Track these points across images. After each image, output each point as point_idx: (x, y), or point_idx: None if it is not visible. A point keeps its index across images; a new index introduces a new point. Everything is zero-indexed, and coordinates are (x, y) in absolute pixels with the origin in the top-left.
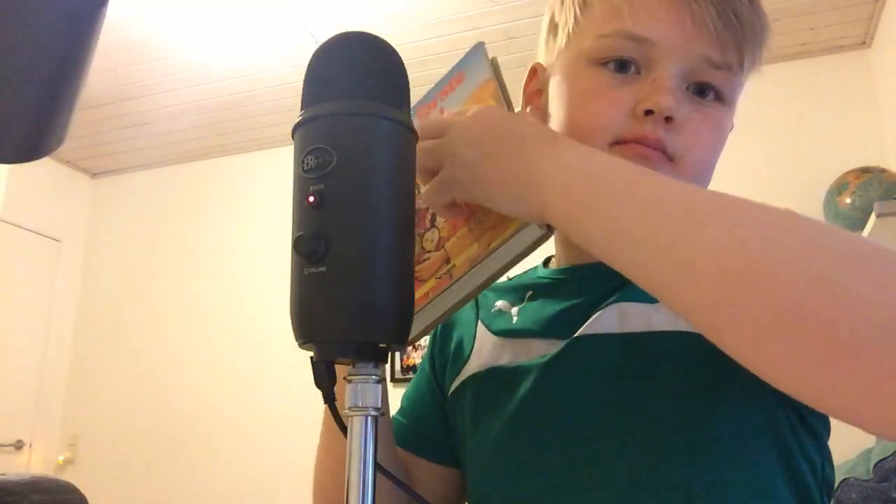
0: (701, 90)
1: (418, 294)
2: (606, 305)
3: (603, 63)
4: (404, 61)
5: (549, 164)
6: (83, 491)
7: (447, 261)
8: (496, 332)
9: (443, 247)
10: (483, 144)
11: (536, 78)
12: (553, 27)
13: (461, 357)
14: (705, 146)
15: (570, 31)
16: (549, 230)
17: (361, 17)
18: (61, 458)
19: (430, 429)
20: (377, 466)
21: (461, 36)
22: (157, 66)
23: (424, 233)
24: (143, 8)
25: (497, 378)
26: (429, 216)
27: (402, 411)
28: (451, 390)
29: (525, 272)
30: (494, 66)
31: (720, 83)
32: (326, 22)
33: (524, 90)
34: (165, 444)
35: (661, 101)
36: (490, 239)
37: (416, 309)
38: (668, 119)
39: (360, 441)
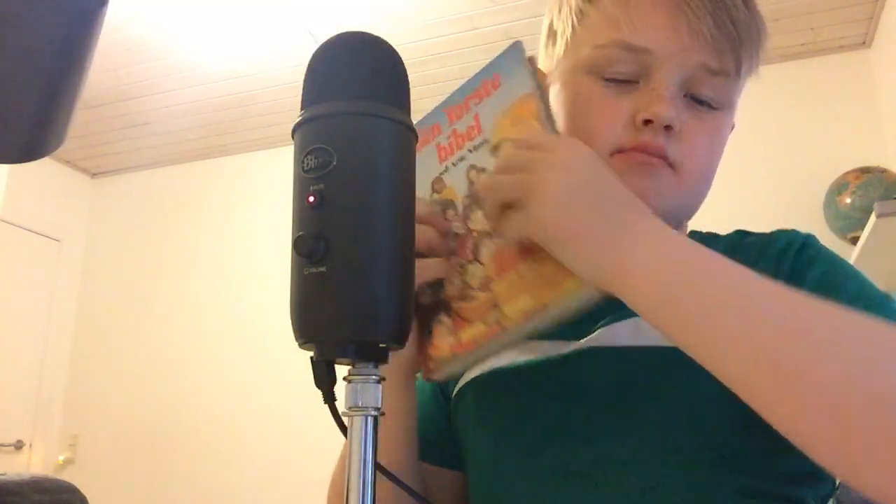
0: (699, 98)
1: (465, 336)
2: (622, 318)
3: (601, 73)
4: (404, 61)
5: (641, 245)
6: (83, 491)
7: (495, 305)
8: None
9: (490, 287)
10: (578, 198)
11: None
12: (552, 34)
13: None
14: (704, 153)
15: (568, 39)
16: (605, 294)
17: (361, 17)
18: (61, 458)
19: (437, 434)
20: (377, 466)
21: (461, 36)
22: (157, 66)
23: (467, 265)
24: (143, 8)
25: (499, 379)
26: (471, 246)
27: None
28: (454, 393)
29: None
30: (537, 80)
31: (718, 90)
32: (326, 22)
33: None
34: (165, 444)
35: (659, 111)
36: (544, 295)
37: (462, 352)
38: (667, 128)
39: (360, 441)
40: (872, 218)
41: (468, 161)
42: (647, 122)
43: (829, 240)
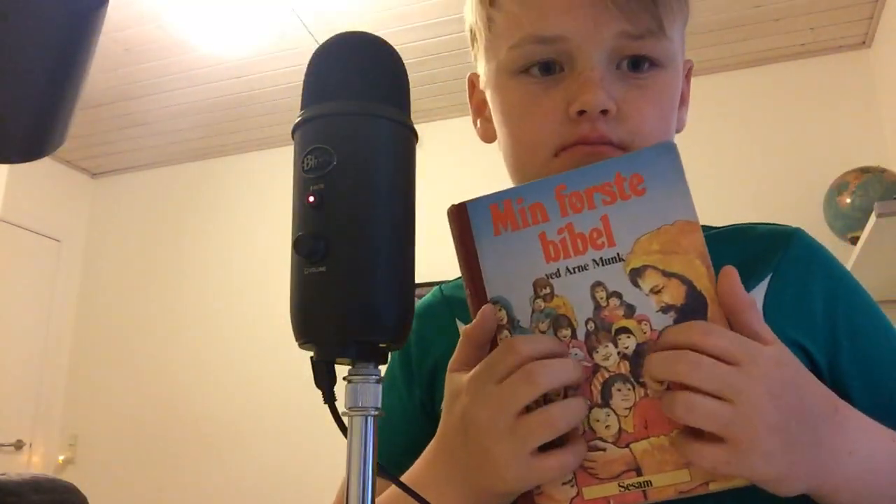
0: (635, 63)
1: (592, 494)
2: None
3: (525, 70)
4: (404, 61)
5: (839, 452)
6: (83, 491)
7: (638, 471)
8: None
9: (627, 445)
10: (785, 430)
11: (476, 88)
12: (472, 36)
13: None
14: (653, 121)
15: (486, 46)
16: None
17: (361, 17)
18: (61, 458)
19: (411, 455)
20: (377, 466)
21: (461, 36)
22: (157, 66)
23: (593, 407)
24: (144, 8)
25: None
26: (598, 385)
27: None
28: (442, 406)
29: None
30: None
31: (649, 51)
32: (327, 22)
33: (470, 103)
34: (165, 443)
35: (589, 99)
36: (707, 476)
37: None
38: (604, 112)
39: (360, 441)
40: (872, 218)
41: (594, 276)
42: (581, 112)
43: (829, 240)
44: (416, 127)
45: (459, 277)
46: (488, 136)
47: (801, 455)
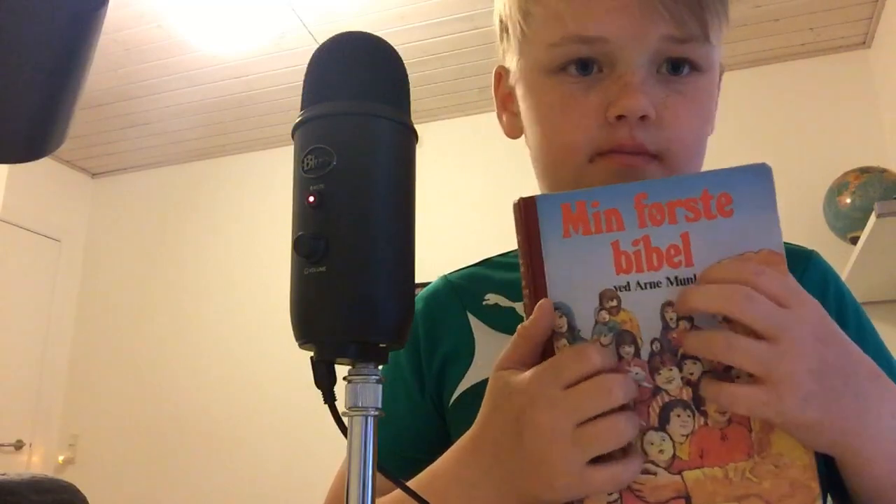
0: (675, 66)
1: None
2: None
3: (563, 69)
4: (404, 61)
5: (880, 413)
6: (83, 491)
7: (687, 499)
8: (505, 332)
9: (679, 472)
10: (827, 377)
11: (503, 82)
12: (503, 29)
13: (460, 361)
14: (691, 127)
15: (520, 41)
16: None
17: (361, 17)
18: (61, 458)
19: (417, 450)
20: (377, 467)
21: (461, 36)
22: (157, 66)
23: (648, 430)
24: (144, 8)
25: None
26: (656, 408)
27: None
28: (451, 400)
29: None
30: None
31: (691, 55)
32: (327, 22)
33: (495, 96)
34: (166, 444)
35: (630, 104)
36: None
37: None
38: (643, 118)
39: (360, 441)
40: (872, 218)
41: (666, 294)
42: (621, 117)
43: (829, 240)
44: (416, 127)
45: (465, 267)
46: (514, 131)
47: (840, 404)
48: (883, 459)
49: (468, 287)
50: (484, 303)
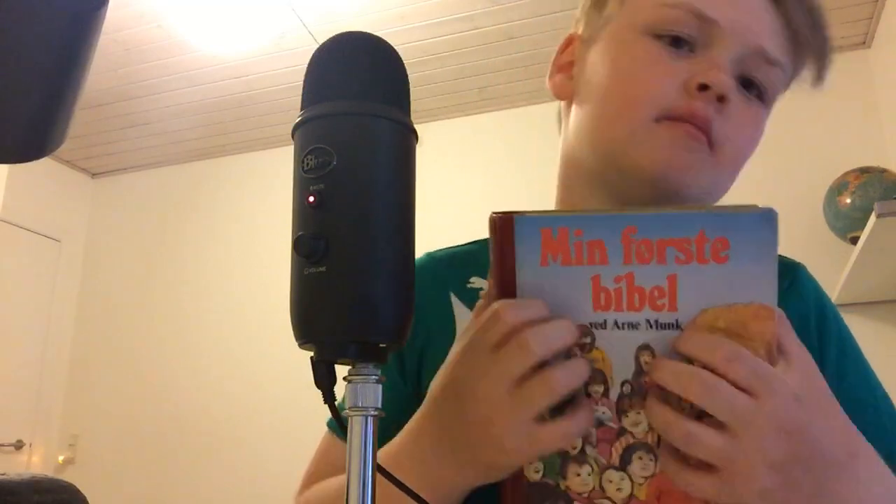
0: (747, 84)
1: None
2: None
3: (658, 36)
4: (405, 61)
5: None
6: (83, 491)
7: None
8: None
9: None
10: (786, 471)
11: (571, 48)
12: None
13: (439, 342)
14: (745, 139)
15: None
16: None
17: (362, 17)
18: (61, 458)
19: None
20: (377, 466)
21: (461, 36)
22: (157, 66)
23: (608, 468)
24: (144, 8)
25: None
26: (619, 449)
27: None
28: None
29: None
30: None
31: (767, 80)
32: (327, 22)
33: (555, 59)
34: (165, 443)
35: (717, 79)
36: None
37: None
38: (720, 99)
39: (360, 441)
40: (872, 218)
41: (643, 337)
42: (703, 87)
43: (828, 240)
44: (416, 127)
45: (452, 247)
46: (564, 92)
47: (802, 495)
48: None
49: (453, 267)
50: (468, 285)
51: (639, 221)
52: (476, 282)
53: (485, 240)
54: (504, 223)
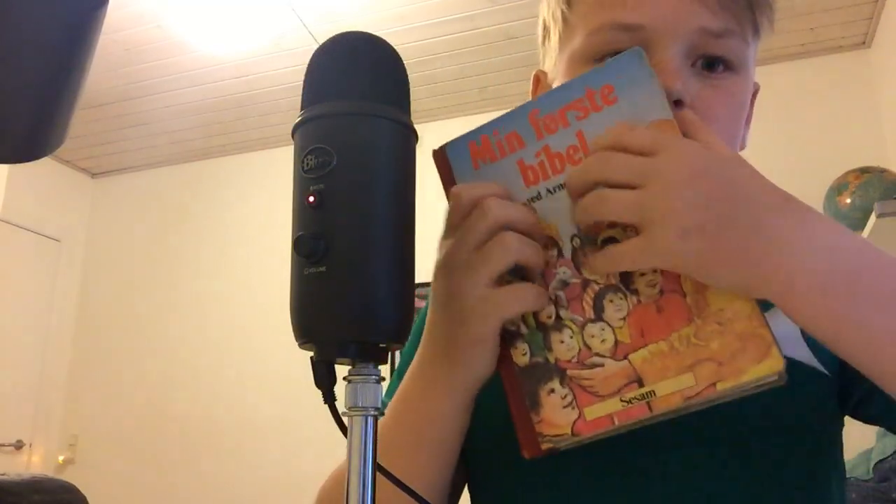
0: (709, 63)
1: (594, 413)
2: None
3: (599, 59)
4: (405, 61)
5: (795, 241)
6: (83, 491)
7: (639, 382)
8: None
9: (625, 357)
10: (710, 207)
11: (540, 86)
12: (545, 32)
13: None
14: (722, 122)
15: (560, 32)
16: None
17: (362, 17)
18: (61, 458)
19: None
20: (377, 466)
21: (461, 36)
22: (157, 66)
23: (586, 324)
24: (144, 8)
25: None
26: (589, 300)
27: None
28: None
29: None
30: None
31: (726, 51)
32: (327, 22)
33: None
34: (165, 444)
35: (667, 86)
36: (714, 376)
37: (591, 432)
38: (677, 103)
39: (360, 441)
40: (872, 218)
41: None
42: None
43: None
44: (416, 127)
45: None
46: None
47: (735, 233)
48: (812, 289)
49: None
50: None
51: (538, 103)
52: None
53: None
54: (441, 153)
